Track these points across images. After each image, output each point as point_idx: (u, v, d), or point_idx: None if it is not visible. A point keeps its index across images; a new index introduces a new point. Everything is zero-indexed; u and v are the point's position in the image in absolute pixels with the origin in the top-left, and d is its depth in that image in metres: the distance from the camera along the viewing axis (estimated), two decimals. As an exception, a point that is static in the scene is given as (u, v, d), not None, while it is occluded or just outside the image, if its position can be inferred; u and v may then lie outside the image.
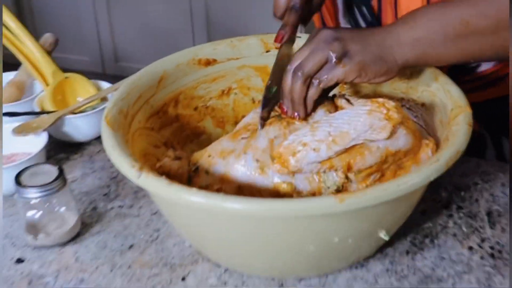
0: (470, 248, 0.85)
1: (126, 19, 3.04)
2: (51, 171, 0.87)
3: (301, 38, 0.89)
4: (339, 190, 0.75)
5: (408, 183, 0.68)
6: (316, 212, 0.65)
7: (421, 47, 0.78)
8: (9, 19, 1.12)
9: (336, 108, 0.82)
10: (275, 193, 0.75)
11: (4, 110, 1.08)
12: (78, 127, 1.08)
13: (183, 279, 0.81)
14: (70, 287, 0.82)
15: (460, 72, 1.01)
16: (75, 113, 1.09)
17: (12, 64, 1.23)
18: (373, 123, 0.74)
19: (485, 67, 1.02)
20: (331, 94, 0.85)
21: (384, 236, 0.74)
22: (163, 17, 2.95)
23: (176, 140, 0.93)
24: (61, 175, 0.87)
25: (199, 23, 2.88)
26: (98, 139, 1.04)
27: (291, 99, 0.79)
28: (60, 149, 1.10)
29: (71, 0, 3.10)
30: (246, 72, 0.98)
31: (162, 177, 0.70)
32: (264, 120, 0.80)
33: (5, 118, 1.07)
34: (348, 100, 0.81)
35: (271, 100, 0.81)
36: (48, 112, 1.08)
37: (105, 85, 1.18)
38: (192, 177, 0.78)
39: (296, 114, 0.79)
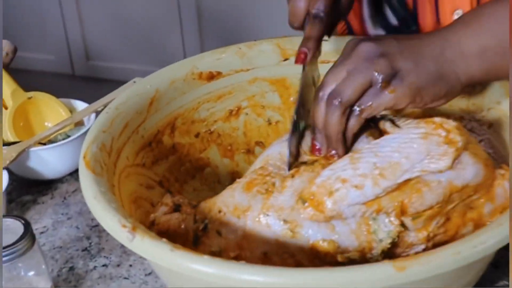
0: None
1: (97, 10, 2.98)
2: (14, 227, 0.78)
3: (328, 41, 0.86)
4: (394, 242, 0.71)
5: (488, 243, 0.63)
6: (366, 286, 0.60)
7: (490, 58, 0.74)
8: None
9: (380, 133, 0.78)
10: (313, 255, 0.70)
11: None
12: (47, 161, 1.03)
13: None
14: None
15: None
16: (43, 144, 1.05)
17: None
18: (430, 149, 0.71)
19: None
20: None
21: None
22: (143, 7, 2.88)
23: (174, 177, 0.89)
24: (27, 231, 0.77)
25: (188, 13, 2.79)
26: (73, 174, 1.04)
27: (326, 134, 0.74)
28: (25, 189, 1.05)
29: (33, -9, 3.07)
30: (259, 87, 0.94)
31: (162, 240, 0.64)
32: (290, 168, 0.75)
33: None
34: (393, 122, 0.77)
35: (299, 140, 0.77)
36: (8, 144, 1.04)
37: (79, 105, 1.14)
38: (199, 236, 0.74)
39: (333, 152, 0.75)
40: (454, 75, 0.73)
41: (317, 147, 0.76)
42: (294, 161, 0.75)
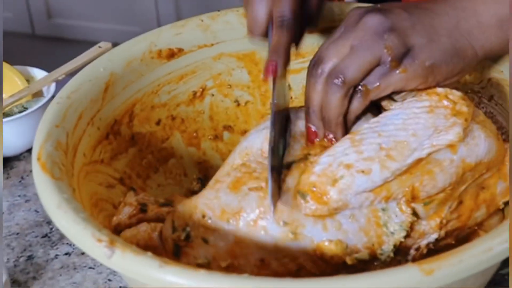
0: None
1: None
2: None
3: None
4: (408, 234, 0.71)
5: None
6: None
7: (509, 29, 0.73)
8: None
9: (377, 109, 0.77)
10: (319, 258, 0.69)
11: None
12: (2, 137, 1.02)
13: None
14: None
15: None
16: (-3, 117, 1.05)
17: None
18: (438, 123, 0.71)
19: None
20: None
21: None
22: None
23: (135, 172, 0.88)
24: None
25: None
26: (32, 151, 1.00)
27: (324, 117, 0.73)
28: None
29: None
30: (225, 64, 0.93)
31: (147, 254, 0.62)
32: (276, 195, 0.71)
33: None
34: (390, 96, 0.76)
35: (280, 168, 0.73)
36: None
37: (37, 73, 1.14)
38: (181, 247, 0.72)
39: (331, 137, 0.74)
40: (470, 50, 0.73)
41: (313, 130, 0.75)
42: (277, 198, 0.71)
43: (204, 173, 0.92)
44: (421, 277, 0.58)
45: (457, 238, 0.73)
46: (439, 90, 0.73)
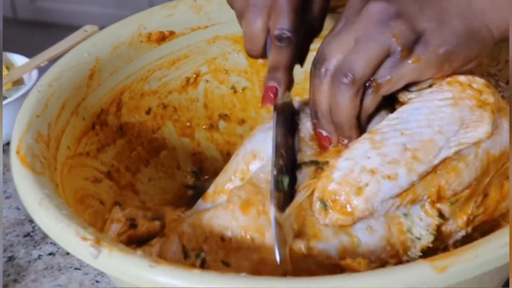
0: None
1: None
2: None
3: None
4: (436, 238, 0.71)
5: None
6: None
7: None
8: None
9: (390, 104, 0.76)
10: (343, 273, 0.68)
11: None
12: None
13: None
14: None
15: None
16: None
17: None
18: (464, 117, 0.71)
19: None
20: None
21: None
22: None
23: (124, 165, 0.88)
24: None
25: None
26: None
27: (335, 121, 0.72)
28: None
29: None
30: (221, 47, 0.94)
31: (136, 253, 0.62)
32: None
33: None
34: (405, 88, 0.75)
35: (285, 198, 0.72)
36: None
37: (18, 59, 1.14)
38: None
39: (346, 142, 0.73)
40: (485, 30, 0.71)
41: (324, 135, 0.73)
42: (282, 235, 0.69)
43: (198, 166, 0.92)
44: (434, 275, 0.58)
45: (482, 231, 0.73)
46: (461, 78, 0.73)
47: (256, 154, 0.76)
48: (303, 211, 0.70)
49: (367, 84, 0.70)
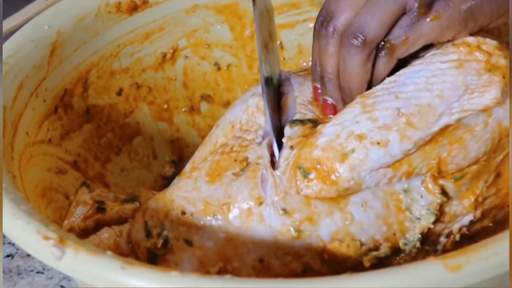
0: None
1: None
2: None
3: None
4: (438, 219, 0.70)
5: None
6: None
7: None
8: None
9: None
10: (329, 260, 0.69)
11: None
12: None
13: None
14: None
15: None
16: None
17: None
18: (469, 81, 0.70)
19: None
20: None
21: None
22: None
23: (92, 154, 0.88)
24: None
25: None
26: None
27: (343, 86, 0.72)
28: None
29: None
30: (202, 18, 0.93)
31: (106, 253, 0.61)
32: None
33: None
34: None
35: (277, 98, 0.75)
36: None
37: None
38: (159, 255, 0.71)
39: None
40: None
41: (329, 102, 0.74)
42: (280, 136, 0.72)
43: (178, 154, 0.92)
44: (446, 274, 0.57)
45: (494, 218, 0.72)
46: (470, 39, 0.73)
47: (239, 124, 0.77)
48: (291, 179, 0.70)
49: (379, 46, 0.71)
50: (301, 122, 0.74)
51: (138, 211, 0.76)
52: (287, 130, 0.73)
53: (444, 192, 0.70)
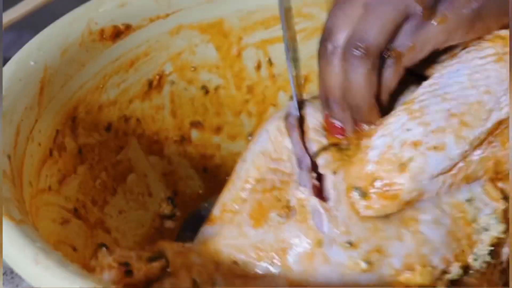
0: None
1: None
2: None
3: None
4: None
5: None
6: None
7: None
8: None
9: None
10: None
11: None
12: None
13: None
14: None
15: None
16: None
17: None
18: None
19: None
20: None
21: None
22: None
23: (89, 198, 0.83)
24: None
25: None
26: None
27: (351, 104, 0.71)
28: None
29: None
30: (186, 39, 0.91)
31: None
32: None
33: None
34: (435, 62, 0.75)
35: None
36: None
37: None
38: None
39: (366, 128, 0.72)
40: None
41: (336, 125, 0.72)
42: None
43: (172, 189, 0.89)
44: None
45: None
46: (502, 32, 0.72)
47: (268, 154, 0.75)
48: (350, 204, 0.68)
49: (385, 56, 0.70)
50: (324, 149, 0.72)
51: (174, 269, 0.72)
52: (319, 161, 0.71)
53: (506, 198, 0.70)
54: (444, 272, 0.67)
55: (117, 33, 0.85)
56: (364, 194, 0.67)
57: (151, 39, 0.88)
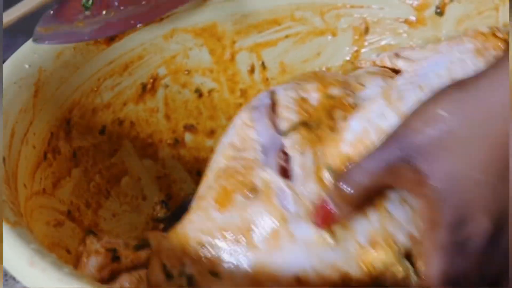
0: None
1: None
2: None
3: None
4: None
5: None
6: None
7: None
8: None
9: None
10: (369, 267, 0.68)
11: None
12: None
13: None
14: None
15: None
16: None
17: None
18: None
19: None
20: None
21: None
22: None
23: (83, 201, 0.84)
24: None
25: None
26: None
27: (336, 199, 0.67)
28: None
29: None
30: (180, 42, 0.91)
31: None
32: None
33: None
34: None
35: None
36: None
37: None
38: None
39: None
40: None
41: (330, 210, 0.68)
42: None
43: (166, 192, 0.89)
44: None
45: None
46: (483, 29, 0.74)
47: (234, 145, 0.76)
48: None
49: None
50: (293, 129, 0.72)
51: (152, 255, 0.73)
52: (286, 142, 0.71)
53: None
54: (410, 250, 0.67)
55: (112, 37, 0.85)
56: (336, 174, 0.68)
57: (145, 43, 0.88)
